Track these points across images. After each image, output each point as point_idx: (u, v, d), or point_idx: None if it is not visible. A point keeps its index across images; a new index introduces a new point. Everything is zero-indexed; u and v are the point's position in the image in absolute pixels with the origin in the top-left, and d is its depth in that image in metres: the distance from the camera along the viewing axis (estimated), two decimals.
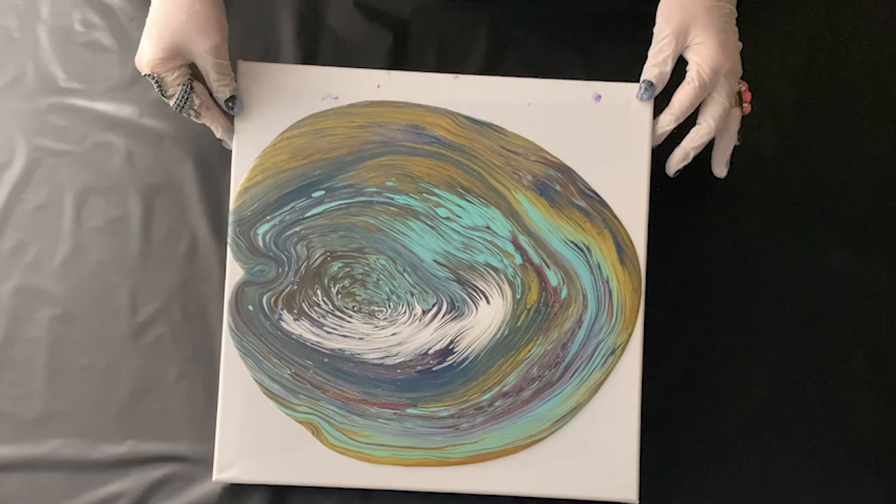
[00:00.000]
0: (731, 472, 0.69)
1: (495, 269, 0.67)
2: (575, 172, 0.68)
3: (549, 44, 0.76)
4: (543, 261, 0.67)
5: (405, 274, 0.66)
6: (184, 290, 0.70)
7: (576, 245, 0.67)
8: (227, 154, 0.67)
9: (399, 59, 0.75)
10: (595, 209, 0.67)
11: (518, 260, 0.67)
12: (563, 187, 0.67)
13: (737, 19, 0.68)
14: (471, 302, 0.67)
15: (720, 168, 0.71)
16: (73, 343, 0.69)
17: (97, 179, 0.72)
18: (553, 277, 0.67)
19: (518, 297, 0.67)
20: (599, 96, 0.68)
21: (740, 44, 0.67)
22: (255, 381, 0.65)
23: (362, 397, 0.66)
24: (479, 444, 0.66)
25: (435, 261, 0.67)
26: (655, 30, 0.67)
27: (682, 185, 0.73)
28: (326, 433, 0.65)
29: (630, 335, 0.67)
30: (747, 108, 0.70)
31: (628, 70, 0.70)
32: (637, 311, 0.67)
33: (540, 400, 0.66)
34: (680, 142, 0.69)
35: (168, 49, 0.63)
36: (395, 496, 0.67)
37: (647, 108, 0.68)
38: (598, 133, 0.68)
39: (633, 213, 0.67)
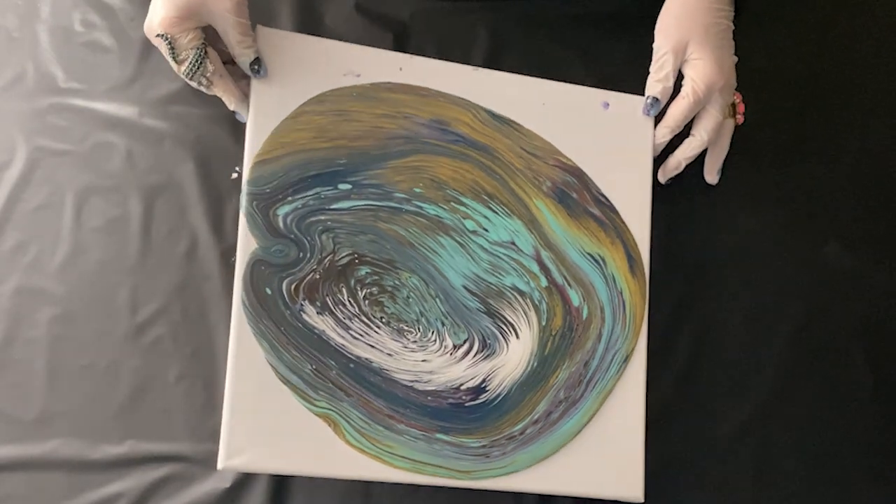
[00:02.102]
0: (732, 471, 0.69)
1: (522, 293, 0.66)
2: (588, 176, 0.68)
3: (549, 45, 0.77)
4: (565, 279, 0.67)
5: (437, 300, 0.65)
6: (184, 290, 0.70)
7: (592, 257, 0.68)
8: (228, 154, 0.67)
9: None
10: (607, 217, 0.68)
11: (543, 282, 0.67)
12: (579, 194, 0.68)
13: (737, 19, 0.69)
14: (501, 338, 0.66)
15: (712, 176, 0.72)
16: (73, 343, 0.68)
17: (97, 179, 0.72)
18: (575, 297, 0.67)
19: (544, 323, 0.66)
20: (608, 104, 0.70)
21: (736, 58, 0.68)
22: (270, 364, 0.62)
23: (389, 413, 0.64)
24: (507, 467, 0.65)
25: (465, 287, 0.66)
26: (655, 46, 0.69)
27: (682, 185, 0.73)
28: (346, 432, 0.63)
29: (638, 339, 0.67)
30: (740, 118, 0.71)
31: (628, 71, 0.71)
32: (644, 316, 0.68)
33: (566, 418, 0.66)
34: (673, 149, 0.70)
35: (184, 7, 0.59)
36: (396, 492, 0.66)
37: (650, 119, 0.70)
38: (606, 139, 0.69)
39: (639, 220, 0.69)
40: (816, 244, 0.73)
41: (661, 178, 0.71)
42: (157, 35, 0.61)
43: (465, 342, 0.65)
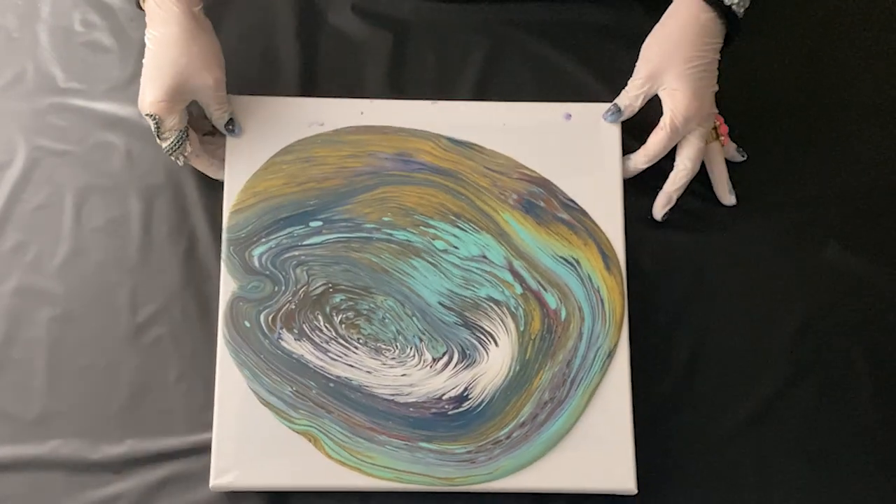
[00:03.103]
0: (732, 471, 0.69)
1: (497, 303, 0.68)
2: (554, 184, 0.70)
3: (548, 46, 0.77)
4: (540, 284, 0.68)
5: (413, 318, 0.67)
6: (184, 290, 0.70)
7: (566, 260, 0.69)
8: None
9: (399, 60, 0.75)
10: (577, 220, 0.69)
11: (518, 289, 0.68)
12: (546, 202, 0.70)
13: (730, 47, 0.69)
14: (481, 347, 0.67)
15: (726, 198, 0.73)
16: (73, 343, 0.68)
17: (97, 179, 0.72)
18: (551, 300, 0.68)
19: (522, 328, 0.67)
20: (570, 115, 0.72)
21: (716, 87, 0.69)
22: (252, 389, 0.65)
23: (371, 426, 0.65)
24: (492, 473, 0.65)
25: (440, 303, 0.67)
26: (636, 66, 0.70)
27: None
28: (326, 446, 0.65)
29: (620, 334, 0.68)
30: (725, 140, 0.72)
31: (627, 72, 0.71)
32: (624, 310, 0.68)
33: (553, 419, 0.66)
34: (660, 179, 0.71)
35: (170, 91, 0.64)
36: (393, 496, 0.66)
37: (615, 123, 0.71)
38: (571, 146, 0.71)
39: (611, 218, 0.70)
40: (816, 245, 0.73)
41: (657, 217, 0.72)
42: (147, 114, 0.65)
43: (444, 355, 0.67)
